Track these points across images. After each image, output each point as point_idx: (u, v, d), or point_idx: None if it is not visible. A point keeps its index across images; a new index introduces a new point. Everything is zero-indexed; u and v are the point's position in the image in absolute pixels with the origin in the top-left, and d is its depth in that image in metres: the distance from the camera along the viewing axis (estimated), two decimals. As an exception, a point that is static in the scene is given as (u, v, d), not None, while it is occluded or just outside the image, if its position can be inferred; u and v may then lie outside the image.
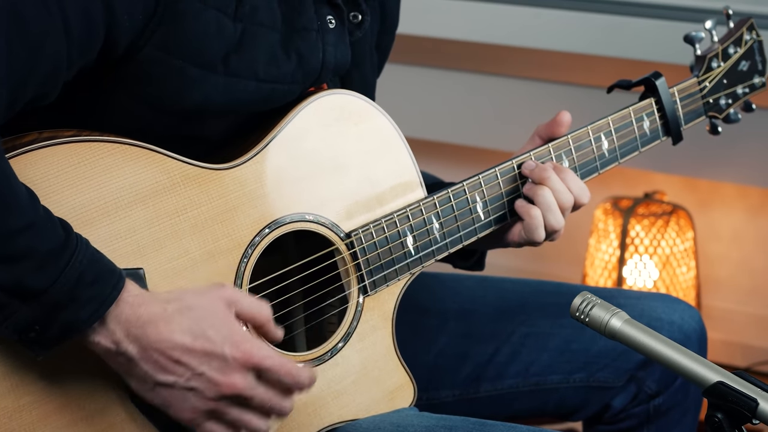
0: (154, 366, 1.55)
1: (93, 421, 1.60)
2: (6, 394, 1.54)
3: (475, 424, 1.82)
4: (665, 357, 1.48)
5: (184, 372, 1.56)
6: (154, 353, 1.54)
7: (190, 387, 1.57)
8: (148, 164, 1.63)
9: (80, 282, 1.49)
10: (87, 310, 1.50)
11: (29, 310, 1.48)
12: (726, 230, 3.62)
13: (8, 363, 1.54)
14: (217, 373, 1.57)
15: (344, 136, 1.80)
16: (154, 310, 1.55)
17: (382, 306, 1.85)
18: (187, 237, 1.65)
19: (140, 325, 1.54)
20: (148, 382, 1.56)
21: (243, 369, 1.58)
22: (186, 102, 1.67)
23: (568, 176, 1.93)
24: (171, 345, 1.55)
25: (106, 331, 1.53)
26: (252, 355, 1.58)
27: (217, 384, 1.57)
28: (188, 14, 1.63)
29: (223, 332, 1.57)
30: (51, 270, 1.48)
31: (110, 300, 1.51)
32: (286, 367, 1.61)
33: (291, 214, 1.74)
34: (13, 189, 1.48)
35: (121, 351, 1.54)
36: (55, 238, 1.49)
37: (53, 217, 1.51)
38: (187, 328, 1.56)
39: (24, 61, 1.50)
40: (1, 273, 1.46)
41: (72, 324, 1.50)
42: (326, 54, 1.78)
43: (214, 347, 1.56)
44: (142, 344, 1.54)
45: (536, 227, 1.91)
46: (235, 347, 1.57)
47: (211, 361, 1.56)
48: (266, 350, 1.60)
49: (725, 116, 2.21)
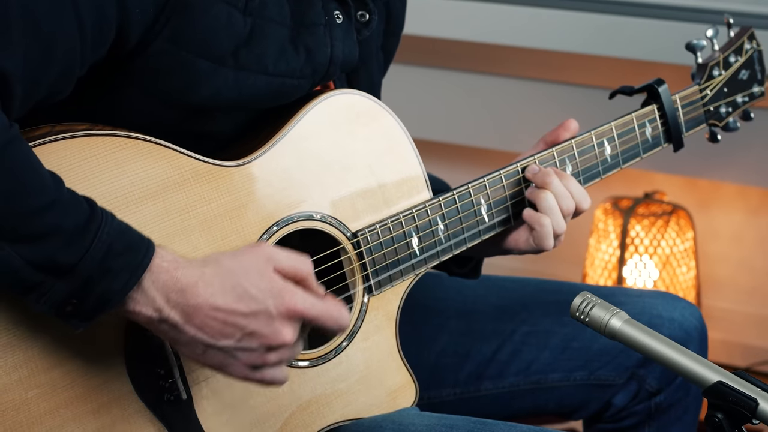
0: (202, 331, 1.55)
1: (99, 414, 1.61)
2: (13, 387, 1.54)
3: (476, 423, 1.82)
4: (665, 357, 1.48)
5: (235, 332, 1.56)
6: (198, 317, 1.55)
7: (243, 347, 1.57)
8: (158, 160, 1.63)
9: (110, 253, 1.50)
10: (120, 279, 1.50)
11: (64, 285, 1.48)
12: (726, 230, 3.62)
13: (17, 355, 1.54)
14: (267, 328, 1.57)
15: (353, 136, 1.81)
16: (192, 273, 1.55)
17: (386, 306, 1.86)
18: (196, 233, 1.66)
19: (179, 289, 1.54)
20: (198, 346, 1.57)
21: (290, 320, 1.59)
22: (195, 96, 1.67)
23: (569, 182, 1.93)
24: (215, 307, 1.55)
25: (146, 298, 1.53)
26: (297, 306, 1.59)
27: (268, 339, 1.57)
28: (198, 7, 1.63)
29: (264, 287, 1.58)
30: (79, 244, 1.48)
31: (142, 267, 1.52)
32: (329, 312, 1.62)
33: (299, 212, 1.75)
34: (36, 170, 1.49)
35: (164, 318, 1.54)
36: (81, 213, 1.50)
37: (77, 195, 1.52)
38: (229, 289, 1.56)
39: (38, 58, 1.51)
40: (32, 251, 1.47)
41: (107, 294, 1.50)
42: (334, 49, 1.79)
43: (258, 305, 1.57)
44: (184, 309, 1.54)
45: (546, 235, 1.91)
46: (279, 300, 1.58)
47: (258, 318, 1.57)
48: (309, 300, 1.60)
49: (725, 125, 2.23)
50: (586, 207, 1.95)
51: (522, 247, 1.98)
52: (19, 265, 1.46)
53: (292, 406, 1.77)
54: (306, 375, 1.77)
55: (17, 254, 1.46)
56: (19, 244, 1.46)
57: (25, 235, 1.47)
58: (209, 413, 1.70)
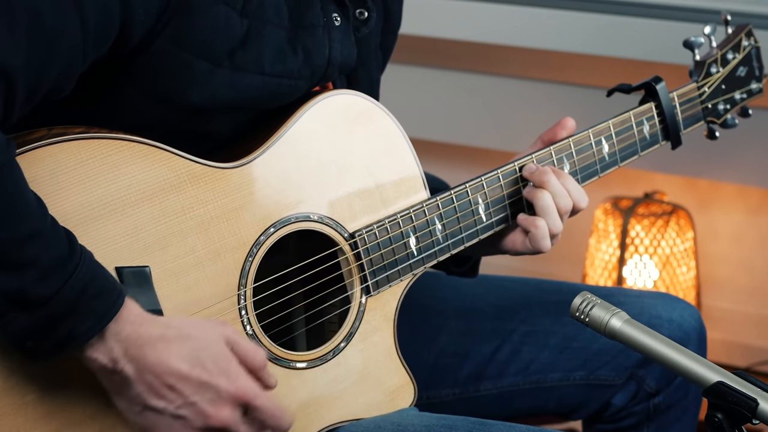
0: (148, 389, 1.54)
1: (96, 419, 1.60)
2: (10, 391, 1.54)
3: (476, 424, 1.82)
4: (665, 357, 1.48)
5: (176, 398, 1.55)
6: (149, 376, 1.53)
7: (179, 415, 1.56)
8: (155, 162, 1.63)
9: (83, 294, 1.48)
10: (87, 323, 1.49)
11: (27, 319, 1.47)
12: (726, 230, 3.62)
13: (14, 360, 1.54)
14: (209, 405, 1.56)
15: (350, 136, 1.81)
16: (155, 332, 1.54)
17: (384, 306, 1.86)
18: (193, 235, 1.66)
19: (139, 345, 1.53)
20: (138, 404, 1.55)
21: (234, 404, 1.58)
22: (193, 97, 1.67)
23: (567, 181, 1.93)
24: (168, 370, 1.54)
25: (105, 347, 1.52)
26: (246, 392, 1.58)
27: (207, 416, 1.56)
28: (199, 8, 1.64)
29: (221, 365, 1.57)
30: (54, 280, 1.47)
31: (110, 315, 1.50)
32: (272, 409, 1.61)
33: (296, 213, 1.75)
34: (25, 196, 1.48)
35: (118, 370, 1.53)
36: (61, 248, 1.49)
37: (59, 227, 1.51)
38: (186, 355, 1.55)
39: (41, 55, 1.51)
40: (5, 280, 1.45)
41: (70, 336, 1.49)
42: (332, 50, 1.79)
43: (210, 378, 1.56)
44: (139, 365, 1.53)
45: (542, 237, 1.91)
46: (231, 382, 1.57)
47: (204, 391, 1.56)
48: (258, 389, 1.60)
49: (723, 121, 2.22)
50: (584, 206, 1.95)
51: (519, 249, 1.98)
52: None
53: (290, 407, 1.76)
54: (304, 376, 1.77)
55: None
56: None
57: (3, 263, 1.45)
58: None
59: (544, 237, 1.92)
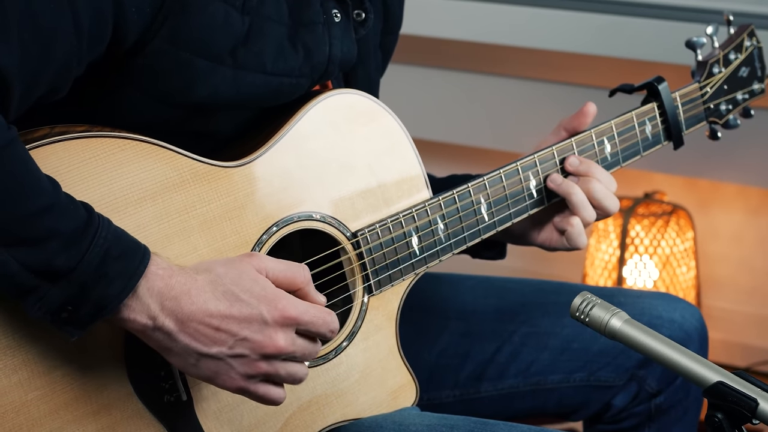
0: (195, 338, 1.55)
1: (99, 416, 1.61)
2: (14, 389, 1.54)
3: (477, 423, 1.82)
4: (665, 357, 1.48)
5: (227, 339, 1.56)
6: (192, 324, 1.54)
7: (236, 354, 1.57)
8: (157, 161, 1.63)
9: (107, 258, 1.49)
10: (116, 285, 1.50)
11: (59, 290, 1.48)
12: (726, 230, 3.62)
13: (16, 358, 1.54)
14: (259, 335, 1.57)
15: (352, 135, 1.81)
16: (186, 280, 1.55)
17: (386, 306, 1.86)
18: (195, 234, 1.66)
19: (173, 297, 1.54)
20: (192, 355, 1.56)
21: (283, 326, 1.59)
22: (194, 96, 1.67)
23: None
24: (208, 314, 1.55)
25: (141, 305, 1.53)
26: (289, 311, 1.59)
27: (262, 345, 1.57)
28: (195, 6, 1.63)
29: (257, 293, 1.58)
30: (76, 249, 1.48)
31: (138, 273, 1.52)
32: (321, 317, 1.62)
33: (298, 212, 1.75)
34: (33, 173, 1.48)
35: (158, 325, 1.54)
36: (78, 217, 1.49)
37: (74, 199, 1.52)
38: (221, 295, 1.56)
39: (36, 57, 1.51)
40: (29, 255, 1.46)
41: (103, 300, 1.50)
42: (333, 47, 1.79)
43: (251, 310, 1.57)
44: (178, 317, 1.54)
45: (578, 234, 1.97)
46: (272, 306, 1.58)
47: (250, 324, 1.57)
48: (302, 305, 1.60)
49: (725, 122, 2.23)
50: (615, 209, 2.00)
51: (555, 246, 2.02)
52: (15, 270, 1.46)
53: (292, 406, 1.77)
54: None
55: (14, 258, 1.46)
56: (16, 247, 1.46)
57: (23, 239, 1.46)
58: (209, 414, 1.70)
59: (580, 234, 1.97)
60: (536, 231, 2.03)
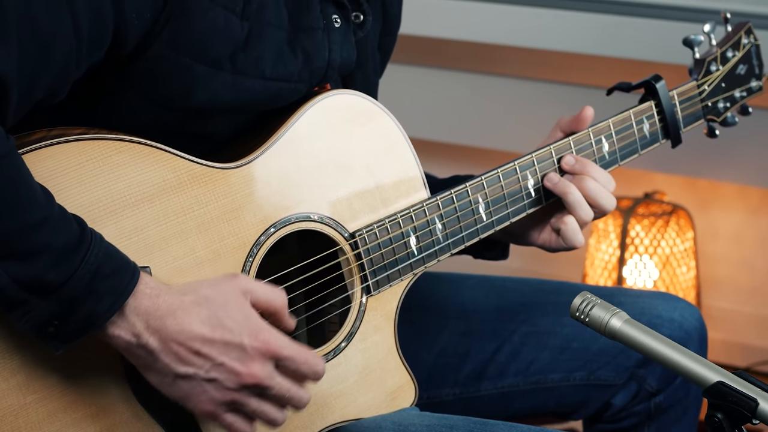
0: (175, 358, 1.56)
1: (98, 419, 1.61)
2: (11, 392, 1.54)
3: (476, 423, 1.82)
4: (665, 357, 1.48)
5: (204, 363, 1.57)
6: (174, 345, 1.55)
7: (211, 378, 1.57)
8: (155, 163, 1.63)
9: (97, 275, 1.50)
10: (105, 302, 1.51)
11: (47, 305, 1.48)
12: (726, 230, 3.62)
13: (14, 361, 1.54)
14: (237, 363, 1.58)
15: (350, 136, 1.81)
16: (172, 301, 1.56)
17: (385, 306, 1.86)
18: (193, 236, 1.66)
19: (159, 317, 1.54)
20: (168, 375, 1.57)
21: (262, 358, 1.59)
22: (193, 100, 1.68)
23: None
24: (191, 336, 1.55)
25: (126, 323, 1.53)
26: (270, 343, 1.59)
27: (238, 374, 1.58)
28: (195, 11, 1.63)
29: (241, 321, 1.58)
30: (68, 264, 1.48)
31: (127, 291, 1.52)
32: (303, 355, 1.62)
33: (296, 213, 1.75)
34: (29, 185, 1.49)
35: (142, 344, 1.54)
36: (71, 232, 1.50)
37: (67, 213, 1.52)
38: (205, 319, 1.57)
39: (34, 61, 1.51)
40: (20, 269, 1.46)
41: (90, 317, 1.50)
42: (332, 53, 1.79)
43: (233, 337, 1.57)
44: (162, 336, 1.54)
45: (573, 233, 1.96)
46: (254, 336, 1.58)
47: (230, 351, 1.57)
48: (283, 339, 1.61)
49: (723, 120, 2.22)
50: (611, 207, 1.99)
51: (554, 246, 2.02)
52: (5, 283, 1.46)
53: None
54: (305, 376, 1.77)
55: (4, 272, 1.46)
56: (7, 261, 1.46)
57: (15, 252, 1.47)
58: (208, 415, 1.69)
59: (575, 233, 1.96)
60: (537, 232, 2.03)
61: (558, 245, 2.01)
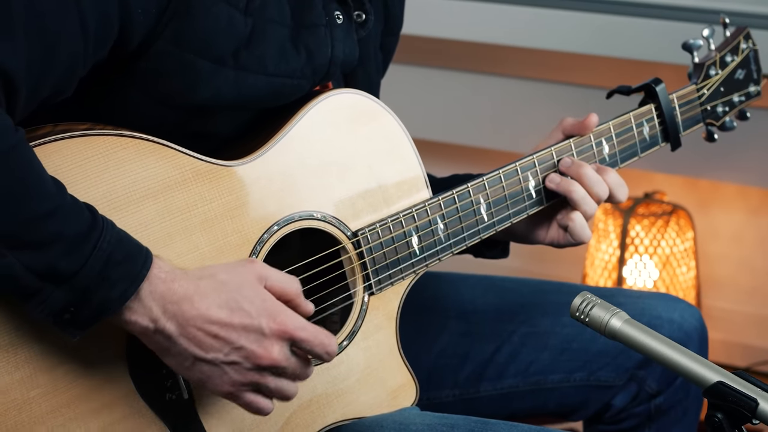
0: (194, 343, 1.57)
1: (101, 414, 1.61)
2: (16, 386, 1.55)
3: (477, 423, 1.82)
4: (665, 357, 1.48)
5: (224, 346, 1.58)
6: (192, 329, 1.56)
7: (230, 361, 1.59)
8: (159, 159, 1.63)
9: (110, 262, 1.50)
10: (118, 288, 1.51)
11: (62, 292, 1.49)
12: (726, 230, 3.62)
13: (18, 355, 1.54)
14: (256, 345, 1.59)
15: (353, 135, 1.81)
16: (188, 285, 1.56)
17: (387, 305, 1.86)
18: (197, 232, 1.66)
19: (176, 301, 1.55)
20: (188, 358, 1.58)
21: (280, 340, 1.60)
22: (196, 97, 1.68)
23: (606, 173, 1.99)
24: (208, 320, 1.56)
25: (143, 308, 1.54)
26: (287, 325, 1.61)
27: (257, 356, 1.59)
28: (199, 8, 1.64)
29: (258, 305, 1.59)
30: (80, 252, 1.49)
31: (141, 277, 1.53)
32: (318, 337, 1.64)
33: (299, 211, 1.76)
34: (39, 176, 1.49)
35: (160, 328, 1.55)
36: (82, 220, 1.50)
37: (79, 202, 1.52)
38: (223, 303, 1.57)
39: (41, 59, 1.51)
40: (34, 258, 1.47)
41: (105, 303, 1.51)
42: (335, 49, 1.80)
43: (251, 320, 1.58)
44: (179, 321, 1.55)
45: (581, 228, 1.97)
46: (271, 319, 1.60)
47: (249, 334, 1.58)
48: (300, 320, 1.62)
49: (722, 124, 2.23)
50: (623, 197, 2.01)
51: (561, 243, 2.03)
52: (20, 272, 1.47)
53: (292, 405, 1.77)
54: (306, 374, 1.78)
55: (18, 261, 1.47)
56: (21, 250, 1.47)
57: (28, 242, 1.47)
58: (211, 412, 1.70)
59: (583, 228, 1.97)
60: (543, 231, 2.04)
61: (567, 241, 2.01)
